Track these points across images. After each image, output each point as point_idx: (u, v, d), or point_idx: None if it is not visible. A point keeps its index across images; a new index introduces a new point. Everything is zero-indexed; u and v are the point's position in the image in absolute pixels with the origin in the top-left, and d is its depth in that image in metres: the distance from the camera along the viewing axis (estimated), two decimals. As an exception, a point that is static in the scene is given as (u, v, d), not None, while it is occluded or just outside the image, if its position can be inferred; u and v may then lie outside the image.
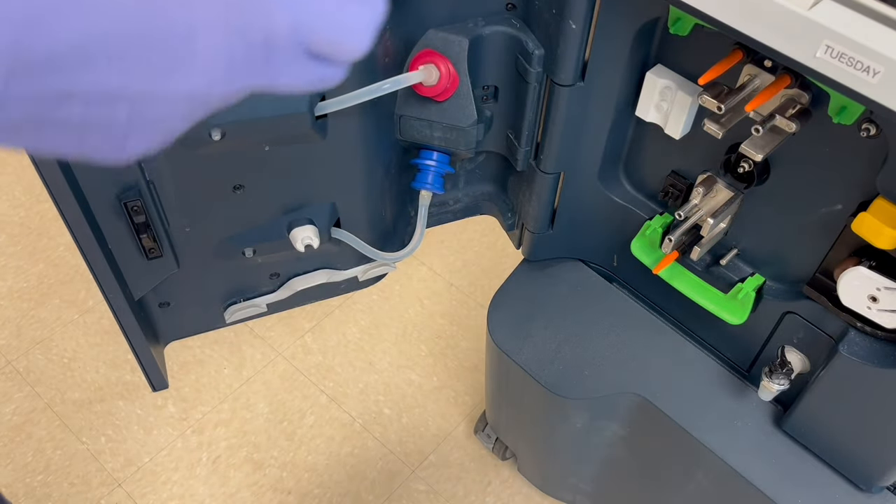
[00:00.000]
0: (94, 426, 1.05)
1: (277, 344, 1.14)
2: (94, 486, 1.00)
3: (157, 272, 0.57)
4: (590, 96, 0.53)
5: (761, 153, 0.45)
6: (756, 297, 0.53)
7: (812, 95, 0.43)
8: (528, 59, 0.52)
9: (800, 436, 0.56)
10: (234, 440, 1.04)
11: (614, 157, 0.57)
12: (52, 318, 1.15)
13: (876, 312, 0.44)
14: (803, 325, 0.52)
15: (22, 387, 1.08)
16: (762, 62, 0.44)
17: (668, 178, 0.54)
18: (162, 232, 0.55)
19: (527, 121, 0.56)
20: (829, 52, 0.37)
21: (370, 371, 1.11)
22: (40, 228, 1.24)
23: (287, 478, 1.01)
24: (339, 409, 1.07)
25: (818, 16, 0.37)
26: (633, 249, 0.58)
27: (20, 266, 1.20)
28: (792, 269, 0.52)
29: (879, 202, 0.42)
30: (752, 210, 0.52)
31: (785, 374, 0.54)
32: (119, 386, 1.09)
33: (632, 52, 0.49)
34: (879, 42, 0.35)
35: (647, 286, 0.62)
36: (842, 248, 0.46)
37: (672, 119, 0.50)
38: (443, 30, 0.51)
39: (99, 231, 0.51)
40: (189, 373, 1.10)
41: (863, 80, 0.36)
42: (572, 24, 0.48)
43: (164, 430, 1.05)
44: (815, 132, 0.45)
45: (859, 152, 0.44)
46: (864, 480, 0.54)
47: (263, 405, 1.08)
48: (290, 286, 0.64)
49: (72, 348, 1.12)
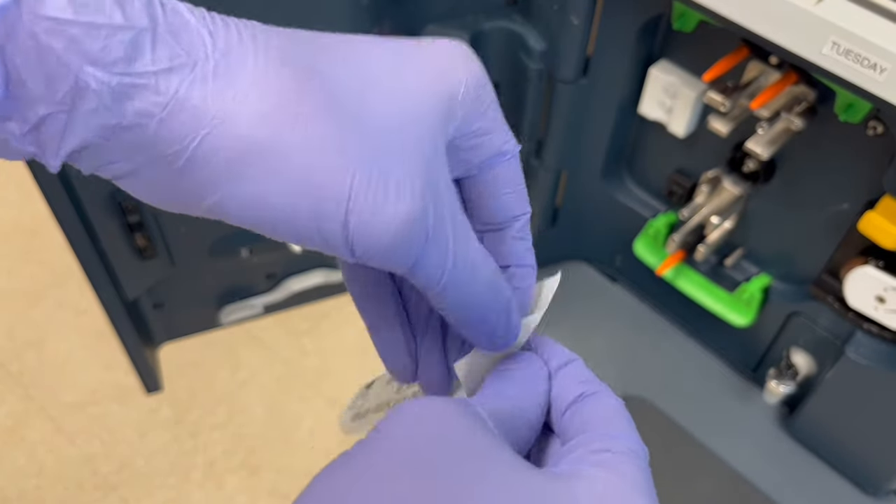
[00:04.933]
0: (87, 429, 1.04)
1: (274, 346, 1.13)
2: (87, 489, 0.99)
3: (151, 272, 0.57)
4: (592, 93, 0.52)
5: (767, 151, 0.44)
6: (762, 298, 0.53)
7: (818, 93, 0.43)
8: (529, 55, 0.51)
9: (806, 439, 0.56)
10: (229, 444, 1.03)
11: (617, 155, 0.57)
12: (45, 319, 1.14)
13: (883, 313, 0.44)
14: (809, 326, 0.51)
15: (14, 389, 1.07)
16: (768, 59, 0.44)
17: (672, 176, 0.54)
18: (156, 231, 0.54)
19: (528, 118, 0.55)
20: (836, 48, 0.37)
21: (368, 373, 1.10)
22: (33, 228, 1.23)
23: (284, 482, 1.00)
24: (337, 413, 1.07)
25: (825, 11, 0.36)
26: (636, 249, 0.57)
27: (12, 267, 1.19)
28: (798, 270, 0.52)
29: (886, 201, 0.42)
30: (757, 209, 0.51)
31: (791, 377, 0.53)
32: (113, 388, 1.08)
33: (635, 48, 0.49)
34: (887, 38, 0.35)
35: (650, 286, 0.62)
36: (848, 248, 0.45)
37: (676, 116, 0.49)
38: (443, 25, 0.51)
39: (92, 230, 0.51)
40: (184, 375, 1.09)
41: (870, 77, 0.36)
42: (574, 19, 0.47)
43: (159, 433, 1.04)
44: (821, 130, 0.44)
45: (866, 151, 0.43)
46: (872, 485, 0.53)
47: (260, 408, 1.07)
48: (286, 286, 0.64)
49: (65, 350, 1.11)
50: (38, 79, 0.17)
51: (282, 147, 0.19)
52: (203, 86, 0.18)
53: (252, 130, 0.19)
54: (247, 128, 0.19)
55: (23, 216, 1.25)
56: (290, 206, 0.19)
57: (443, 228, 0.20)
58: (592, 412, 0.22)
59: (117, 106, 0.18)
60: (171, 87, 0.18)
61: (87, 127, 0.18)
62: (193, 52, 0.18)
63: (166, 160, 0.19)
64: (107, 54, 0.17)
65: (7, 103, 0.18)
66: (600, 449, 0.20)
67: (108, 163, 0.19)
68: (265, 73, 0.19)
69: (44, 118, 0.18)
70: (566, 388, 0.23)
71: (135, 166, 0.19)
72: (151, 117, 0.18)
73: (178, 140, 0.18)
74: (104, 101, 0.18)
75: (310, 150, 0.19)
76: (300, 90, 0.19)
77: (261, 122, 0.19)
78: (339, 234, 0.19)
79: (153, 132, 0.18)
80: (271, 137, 0.19)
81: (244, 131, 0.19)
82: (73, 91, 0.17)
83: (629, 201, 0.58)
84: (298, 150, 0.19)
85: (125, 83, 0.18)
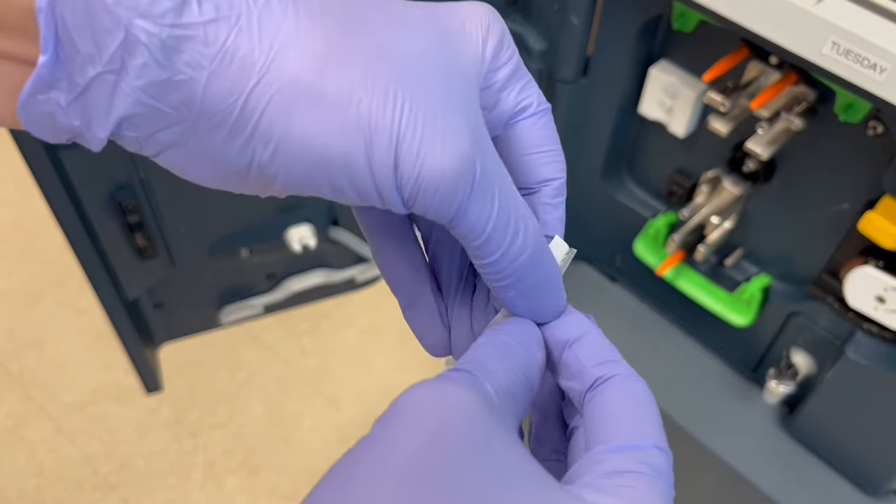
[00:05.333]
0: (87, 429, 1.04)
1: (274, 346, 1.13)
2: (87, 490, 0.99)
3: (151, 272, 0.57)
4: (592, 93, 0.52)
5: (767, 151, 0.44)
6: (762, 298, 0.53)
7: (818, 93, 0.43)
8: (529, 55, 0.51)
9: (806, 439, 0.56)
10: (229, 444, 1.03)
11: (617, 155, 0.57)
12: (45, 319, 1.14)
13: (883, 313, 0.44)
14: (809, 326, 0.51)
15: (15, 389, 1.07)
16: (768, 59, 0.44)
17: (672, 176, 0.54)
18: (156, 231, 0.54)
19: (528, 118, 0.55)
20: (836, 48, 0.37)
21: (368, 373, 1.10)
22: (33, 228, 1.23)
23: (284, 482, 1.00)
24: (337, 412, 1.06)
25: (825, 11, 0.36)
26: (636, 249, 0.57)
27: (12, 266, 1.19)
28: (798, 269, 0.52)
29: (886, 201, 0.42)
30: (757, 209, 0.51)
31: (790, 377, 0.53)
32: (113, 388, 1.07)
33: (635, 48, 0.49)
34: (887, 38, 0.35)
35: (650, 286, 0.62)
36: (848, 248, 0.45)
37: (676, 116, 0.49)
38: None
39: (92, 230, 0.50)
40: (184, 375, 1.09)
41: (869, 77, 0.36)
42: (574, 19, 0.47)
43: (159, 433, 1.04)
44: (821, 130, 0.44)
45: (866, 151, 0.43)
46: (872, 485, 0.53)
47: (260, 408, 1.07)
48: (286, 287, 0.64)
49: (65, 350, 1.11)
50: (87, 36, 0.17)
51: (331, 89, 0.19)
52: (249, 35, 0.18)
53: (301, 74, 0.19)
54: (295, 73, 0.19)
55: (23, 216, 1.25)
56: (343, 149, 0.19)
57: (487, 175, 0.20)
58: (612, 405, 0.21)
59: (167, 59, 0.18)
60: (221, 38, 0.18)
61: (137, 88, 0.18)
62: (237, 4, 0.19)
63: (216, 122, 0.19)
64: (156, 6, 0.17)
65: (56, 66, 0.17)
66: (621, 470, 0.19)
67: (156, 131, 0.19)
68: (309, 22, 0.19)
69: (93, 79, 0.18)
70: (582, 369, 0.22)
71: (183, 134, 0.19)
72: (202, 70, 0.18)
73: (229, 94, 0.18)
74: (155, 55, 0.18)
75: (358, 91, 0.19)
76: (344, 35, 0.19)
77: (309, 67, 0.19)
78: (390, 176, 0.19)
79: (203, 87, 0.18)
80: (320, 81, 0.19)
81: (292, 76, 0.19)
82: (122, 46, 0.17)
83: (629, 201, 0.58)
84: (347, 92, 0.19)
85: (175, 35, 0.18)
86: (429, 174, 0.19)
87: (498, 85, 0.23)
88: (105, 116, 0.18)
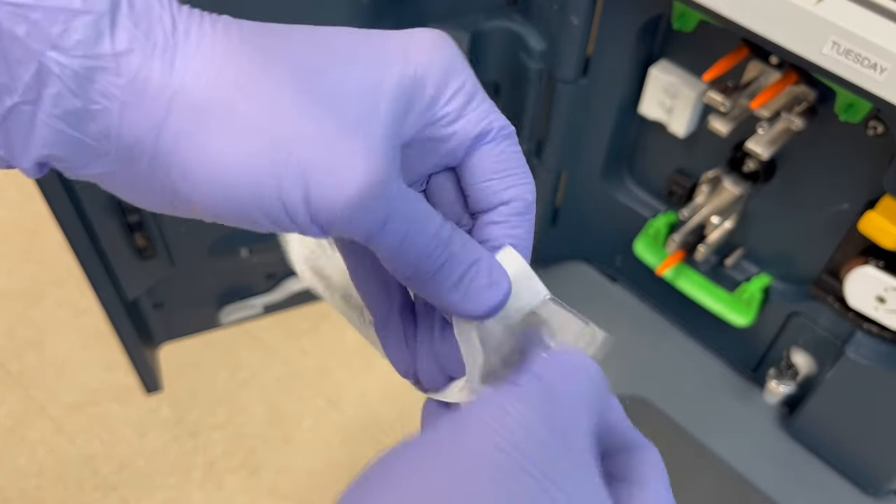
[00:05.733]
0: (87, 429, 1.04)
1: (274, 346, 1.13)
2: (87, 490, 0.99)
3: (151, 272, 0.57)
4: (592, 93, 0.52)
5: (767, 151, 0.44)
6: (762, 298, 0.53)
7: (818, 93, 0.43)
8: (529, 55, 0.51)
9: (806, 439, 0.55)
10: (229, 444, 1.03)
11: (617, 155, 0.57)
12: (45, 319, 1.13)
13: (883, 313, 0.44)
14: (809, 326, 0.51)
15: (14, 389, 1.07)
16: (768, 59, 0.43)
17: (673, 176, 0.54)
18: (156, 231, 0.54)
19: (528, 118, 0.55)
20: (836, 48, 0.37)
21: (369, 373, 1.10)
22: (33, 228, 1.23)
23: (284, 482, 1.00)
24: (338, 413, 1.06)
25: (825, 11, 0.36)
26: (636, 249, 0.57)
27: (12, 266, 1.19)
28: (798, 269, 0.51)
29: (886, 201, 0.42)
30: (757, 209, 0.51)
31: (791, 377, 0.53)
32: (113, 388, 1.07)
33: (635, 48, 0.49)
34: (887, 38, 0.35)
35: (650, 286, 0.62)
36: (849, 248, 0.45)
37: (676, 116, 0.49)
38: (443, 25, 0.50)
39: (92, 230, 0.50)
40: (184, 375, 1.09)
41: (870, 77, 0.36)
42: (574, 19, 0.47)
43: (159, 433, 1.04)
44: (821, 130, 0.44)
45: (866, 151, 0.43)
46: (872, 485, 0.53)
47: (260, 408, 1.07)
48: (286, 287, 0.64)
49: (65, 350, 1.11)
50: (2, 67, 0.17)
51: (239, 120, 0.19)
52: (162, 65, 0.19)
53: (212, 104, 0.19)
54: (204, 103, 0.19)
55: (23, 216, 1.25)
56: (253, 180, 0.19)
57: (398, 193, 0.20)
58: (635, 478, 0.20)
59: (80, 89, 0.18)
60: (132, 68, 0.18)
61: (54, 116, 0.18)
62: (153, 35, 0.19)
63: (137, 152, 0.19)
64: (67, 38, 0.18)
65: None
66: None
67: (86, 163, 0.19)
68: (225, 52, 0.19)
69: (10, 109, 0.18)
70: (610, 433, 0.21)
71: (112, 164, 0.19)
72: (114, 99, 0.18)
73: (143, 124, 0.19)
74: (68, 85, 0.18)
75: (268, 119, 0.19)
76: (259, 64, 0.19)
77: (220, 97, 0.19)
78: (300, 206, 0.19)
79: (118, 117, 0.19)
80: (229, 108, 0.19)
81: (202, 106, 0.19)
82: (36, 76, 0.18)
83: (629, 201, 0.58)
84: (255, 122, 0.19)
85: (87, 66, 0.18)
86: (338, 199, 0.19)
87: (452, 115, 0.22)
88: (25, 145, 0.19)
